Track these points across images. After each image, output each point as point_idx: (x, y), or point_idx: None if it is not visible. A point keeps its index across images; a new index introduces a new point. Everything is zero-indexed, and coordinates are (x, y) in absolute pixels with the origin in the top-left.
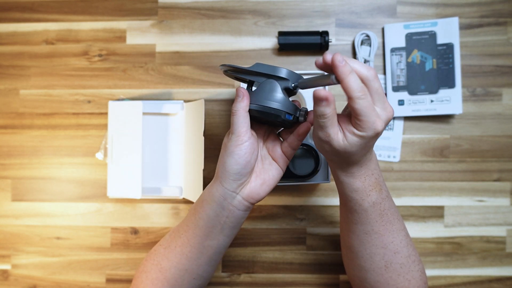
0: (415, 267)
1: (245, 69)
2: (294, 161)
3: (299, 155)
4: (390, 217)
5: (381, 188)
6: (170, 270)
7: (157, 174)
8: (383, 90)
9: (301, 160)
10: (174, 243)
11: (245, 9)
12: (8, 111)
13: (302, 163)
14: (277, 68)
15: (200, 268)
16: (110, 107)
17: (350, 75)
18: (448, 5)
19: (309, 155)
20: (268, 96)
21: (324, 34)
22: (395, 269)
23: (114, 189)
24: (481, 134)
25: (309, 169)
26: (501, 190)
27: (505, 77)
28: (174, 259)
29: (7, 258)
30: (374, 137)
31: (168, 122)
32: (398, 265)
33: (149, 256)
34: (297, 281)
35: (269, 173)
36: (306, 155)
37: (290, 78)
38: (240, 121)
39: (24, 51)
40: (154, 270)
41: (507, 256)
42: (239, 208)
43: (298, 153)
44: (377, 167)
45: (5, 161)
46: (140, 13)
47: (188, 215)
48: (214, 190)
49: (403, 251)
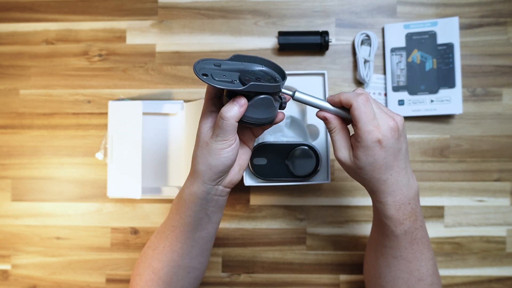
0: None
1: (239, 90)
2: (294, 161)
3: (299, 155)
4: (420, 246)
5: (416, 218)
6: (163, 269)
7: (157, 174)
8: (382, 105)
9: (301, 160)
10: (162, 244)
11: (245, 9)
12: (8, 111)
13: (302, 163)
14: (270, 85)
15: (193, 261)
16: (110, 107)
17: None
18: (448, 5)
19: (309, 155)
20: (263, 112)
21: (324, 34)
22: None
23: (114, 189)
24: (481, 134)
25: (309, 169)
26: (501, 190)
27: (505, 77)
28: (165, 259)
29: (7, 258)
30: (377, 148)
31: (168, 122)
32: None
33: (140, 259)
34: (297, 281)
35: (243, 157)
36: (306, 155)
37: (281, 86)
38: (230, 128)
39: (24, 51)
40: (147, 272)
41: (507, 256)
42: (222, 195)
43: (298, 153)
44: (417, 197)
45: (5, 161)
46: (140, 13)
47: (170, 216)
48: (196, 188)
49: (427, 280)
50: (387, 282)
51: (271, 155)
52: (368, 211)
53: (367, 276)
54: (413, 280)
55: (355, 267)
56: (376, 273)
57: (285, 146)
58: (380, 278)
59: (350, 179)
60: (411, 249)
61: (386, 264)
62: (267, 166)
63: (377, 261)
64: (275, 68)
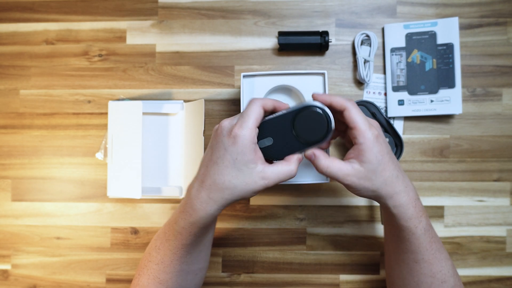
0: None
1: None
2: (303, 128)
3: (306, 120)
4: (438, 245)
5: (427, 214)
6: (171, 279)
7: (157, 174)
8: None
9: (309, 124)
10: (168, 259)
11: (245, 9)
12: (8, 111)
13: (311, 127)
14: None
15: (200, 262)
16: (110, 107)
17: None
18: (448, 5)
19: (317, 115)
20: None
21: (324, 34)
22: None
23: (114, 189)
24: (481, 134)
25: (322, 130)
26: (501, 190)
27: (505, 77)
28: (173, 270)
29: (7, 258)
30: (379, 144)
31: (168, 122)
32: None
33: (141, 271)
34: (297, 281)
35: None
36: (313, 117)
37: None
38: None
39: (24, 51)
40: (153, 283)
41: (507, 256)
42: None
43: (304, 118)
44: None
45: (5, 161)
46: (140, 13)
47: (179, 237)
48: (213, 211)
49: (450, 281)
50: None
51: (275, 132)
52: (368, 211)
53: (390, 287)
54: (437, 283)
55: (355, 267)
56: (399, 282)
57: (287, 115)
58: (404, 286)
59: None
60: (431, 249)
61: (408, 270)
62: (274, 145)
63: (399, 270)
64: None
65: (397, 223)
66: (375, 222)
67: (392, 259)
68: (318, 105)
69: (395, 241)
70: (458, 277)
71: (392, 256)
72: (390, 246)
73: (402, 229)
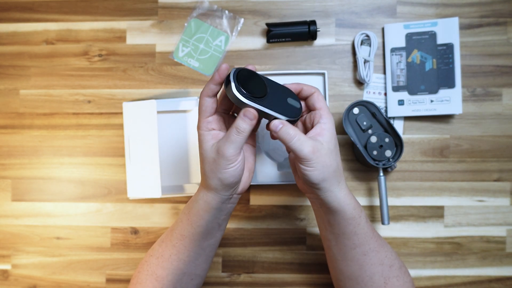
0: (407, 278)
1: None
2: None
3: (275, 94)
4: (375, 232)
5: None
6: (167, 277)
7: (178, 172)
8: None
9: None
10: (168, 252)
11: (245, 9)
12: (8, 111)
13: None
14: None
15: (198, 268)
16: (125, 108)
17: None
18: (448, 5)
19: (285, 94)
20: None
21: (311, 24)
22: (393, 283)
23: (134, 190)
24: (481, 134)
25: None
26: (501, 190)
27: (505, 77)
28: (171, 267)
29: (7, 258)
30: (333, 127)
31: (186, 119)
32: (395, 279)
33: (141, 267)
34: (297, 281)
35: (250, 160)
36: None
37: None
38: (238, 145)
39: (24, 51)
40: (149, 279)
41: (507, 256)
42: (234, 202)
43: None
44: None
45: (5, 161)
46: (140, 13)
47: (180, 225)
48: (211, 199)
49: (396, 263)
50: (365, 284)
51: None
52: (368, 211)
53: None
54: (386, 269)
55: None
56: (352, 282)
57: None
58: (358, 284)
59: (349, 178)
60: (374, 236)
61: (359, 266)
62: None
63: (349, 270)
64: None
65: (343, 217)
66: (375, 222)
67: (339, 263)
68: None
69: (340, 242)
70: (398, 258)
71: (339, 259)
72: (335, 250)
73: (348, 222)
